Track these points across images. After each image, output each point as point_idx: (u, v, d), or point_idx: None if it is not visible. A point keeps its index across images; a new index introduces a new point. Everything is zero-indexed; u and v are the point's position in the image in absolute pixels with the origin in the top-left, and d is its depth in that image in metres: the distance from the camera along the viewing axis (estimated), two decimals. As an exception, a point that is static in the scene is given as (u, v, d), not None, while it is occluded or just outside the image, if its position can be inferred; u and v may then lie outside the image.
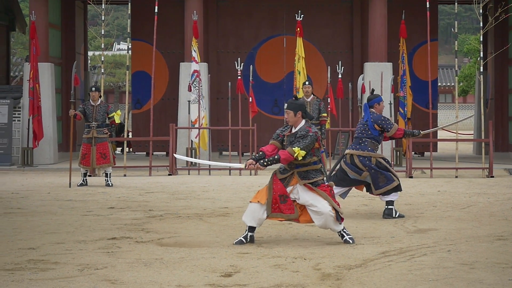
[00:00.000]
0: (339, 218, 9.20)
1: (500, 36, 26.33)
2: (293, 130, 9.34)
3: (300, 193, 9.26)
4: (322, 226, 9.30)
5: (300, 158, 9.11)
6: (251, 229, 9.31)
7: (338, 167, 12.05)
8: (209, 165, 11.08)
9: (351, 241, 9.30)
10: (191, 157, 20.99)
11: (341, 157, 12.15)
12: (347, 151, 12.00)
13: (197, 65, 21.38)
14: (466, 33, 78.85)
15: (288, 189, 9.27)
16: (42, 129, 21.69)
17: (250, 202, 9.36)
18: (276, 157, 9.15)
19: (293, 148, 9.10)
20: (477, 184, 17.57)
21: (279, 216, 9.25)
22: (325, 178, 9.44)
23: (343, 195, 12.21)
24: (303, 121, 9.34)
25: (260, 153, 9.35)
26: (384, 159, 11.88)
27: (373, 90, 12.77)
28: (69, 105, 21.20)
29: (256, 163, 9.23)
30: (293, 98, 9.47)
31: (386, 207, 11.76)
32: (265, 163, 9.19)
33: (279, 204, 9.20)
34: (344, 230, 9.38)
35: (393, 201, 11.80)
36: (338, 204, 9.27)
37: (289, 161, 9.18)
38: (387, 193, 11.75)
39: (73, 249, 8.80)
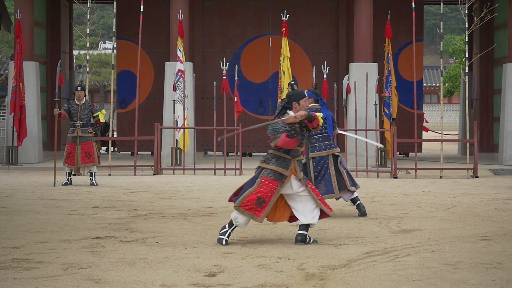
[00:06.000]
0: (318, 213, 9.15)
1: (486, 37, 26.42)
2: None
3: (293, 183, 9.11)
4: (299, 209, 9.10)
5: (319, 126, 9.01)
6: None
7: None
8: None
9: (314, 241, 9.29)
10: (176, 157, 20.98)
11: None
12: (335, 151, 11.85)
13: (182, 65, 21.36)
14: (451, 33, 79.05)
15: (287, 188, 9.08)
16: (25, 128, 21.60)
17: None
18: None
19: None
20: (462, 184, 17.62)
21: (246, 213, 9.04)
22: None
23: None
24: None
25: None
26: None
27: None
28: (53, 104, 21.14)
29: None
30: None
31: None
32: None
33: (253, 206, 9.03)
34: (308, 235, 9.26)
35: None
36: (325, 203, 9.22)
37: (315, 126, 8.89)
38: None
39: (57, 248, 8.77)
